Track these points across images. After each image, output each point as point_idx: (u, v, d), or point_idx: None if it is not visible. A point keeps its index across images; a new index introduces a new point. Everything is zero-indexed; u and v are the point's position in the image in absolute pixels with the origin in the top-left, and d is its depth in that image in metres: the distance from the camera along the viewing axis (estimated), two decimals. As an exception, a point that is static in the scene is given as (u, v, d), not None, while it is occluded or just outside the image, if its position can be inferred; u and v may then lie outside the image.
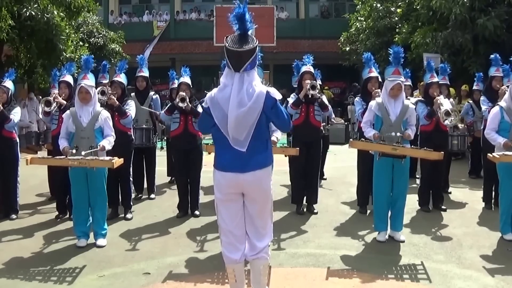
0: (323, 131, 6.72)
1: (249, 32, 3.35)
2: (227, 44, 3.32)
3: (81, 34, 16.49)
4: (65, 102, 6.18)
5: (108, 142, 5.18)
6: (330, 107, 6.82)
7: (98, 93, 5.60)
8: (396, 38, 14.73)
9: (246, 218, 3.52)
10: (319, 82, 6.93)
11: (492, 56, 7.23)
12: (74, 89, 6.42)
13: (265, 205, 3.51)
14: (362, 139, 5.55)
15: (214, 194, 3.56)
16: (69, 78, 6.42)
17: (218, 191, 3.50)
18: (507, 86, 5.98)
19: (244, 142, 3.35)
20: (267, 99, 3.32)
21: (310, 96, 6.21)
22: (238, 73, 3.32)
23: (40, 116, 7.81)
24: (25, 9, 11.24)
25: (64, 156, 5.05)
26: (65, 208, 6.31)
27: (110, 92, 6.15)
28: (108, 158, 5.07)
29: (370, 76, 6.43)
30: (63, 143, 5.17)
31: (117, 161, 5.00)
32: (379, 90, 6.04)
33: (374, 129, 5.28)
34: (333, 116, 9.28)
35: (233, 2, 3.36)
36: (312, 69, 6.49)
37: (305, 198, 6.63)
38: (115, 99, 6.12)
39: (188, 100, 6.14)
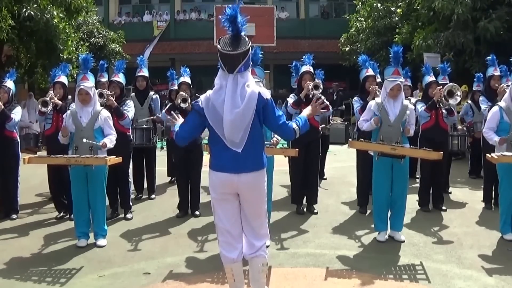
0: (321, 132, 6.71)
1: (242, 33, 3.34)
2: (219, 47, 3.32)
3: (81, 34, 16.48)
4: (60, 103, 6.19)
5: (109, 141, 5.19)
6: (330, 107, 6.82)
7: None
8: (396, 38, 14.72)
9: (242, 218, 3.53)
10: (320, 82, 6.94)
11: (489, 57, 7.24)
12: (69, 89, 6.45)
13: (261, 206, 3.52)
14: (361, 139, 5.55)
15: (210, 193, 3.57)
16: (64, 79, 6.41)
17: (213, 191, 3.50)
18: (507, 86, 5.97)
19: (240, 143, 3.35)
20: (259, 99, 3.32)
21: (311, 96, 6.21)
22: (232, 75, 3.32)
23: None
24: (25, 9, 11.23)
25: (61, 155, 5.09)
26: (64, 206, 6.31)
27: (108, 93, 6.15)
28: (102, 156, 5.08)
29: (368, 75, 6.46)
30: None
31: (112, 159, 5.01)
32: (376, 86, 6.05)
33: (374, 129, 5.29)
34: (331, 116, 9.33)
35: (233, 3, 3.35)
36: (312, 69, 6.50)
37: (305, 198, 6.63)
38: (113, 100, 6.12)
39: (189, 100, 6.15)
